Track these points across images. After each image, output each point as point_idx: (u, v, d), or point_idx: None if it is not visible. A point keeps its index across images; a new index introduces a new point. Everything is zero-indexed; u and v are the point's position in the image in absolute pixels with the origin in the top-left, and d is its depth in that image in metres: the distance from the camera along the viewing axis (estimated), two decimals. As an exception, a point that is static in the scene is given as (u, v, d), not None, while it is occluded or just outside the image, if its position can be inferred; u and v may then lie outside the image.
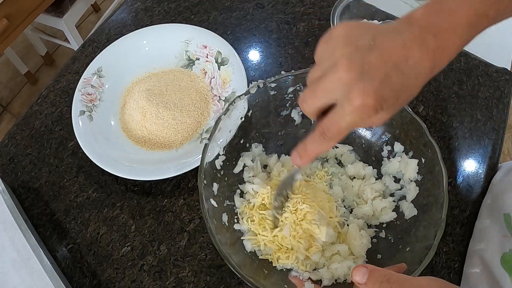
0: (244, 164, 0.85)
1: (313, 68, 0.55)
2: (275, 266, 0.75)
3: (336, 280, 0.72)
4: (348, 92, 0.49)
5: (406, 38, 0.50)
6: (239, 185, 0.84)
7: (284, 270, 0.75)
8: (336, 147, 0.90)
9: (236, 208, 0.81)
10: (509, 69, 1.09)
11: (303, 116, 0.89)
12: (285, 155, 0.90)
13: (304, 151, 0.60)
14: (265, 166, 0.88)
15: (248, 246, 0.76)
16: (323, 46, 0.54)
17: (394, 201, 0.82)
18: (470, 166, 0.95)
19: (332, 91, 0.51)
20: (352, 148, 0.89)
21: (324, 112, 0.54)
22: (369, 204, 0.82)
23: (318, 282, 0.73)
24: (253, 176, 0.85)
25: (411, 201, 0.79)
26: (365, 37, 0.51)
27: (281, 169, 0.86)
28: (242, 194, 0.83)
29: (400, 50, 0.49)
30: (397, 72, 0.49)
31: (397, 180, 0.83)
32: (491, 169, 0.95)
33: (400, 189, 0.82)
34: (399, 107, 0.53)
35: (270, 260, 0.75)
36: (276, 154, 0.89)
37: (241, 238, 0.77)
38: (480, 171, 0.94)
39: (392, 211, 0.80)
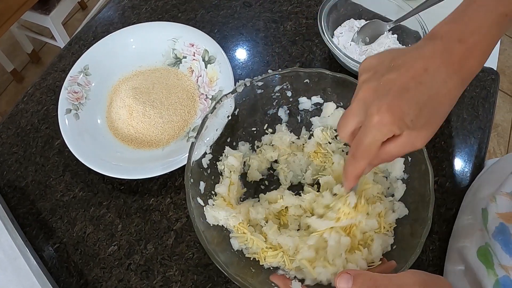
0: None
1: None
2: (262, 265, 0.75)
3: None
4: (366, 110, 0.52)
5: (426, 51, 0.52)
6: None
7: (271, 268, 0.75)
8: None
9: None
10: (495, 69, 1.10)
11: (290, 114, 0.89)
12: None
13: (345, 175, 0.61)
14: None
15: (236, 244, 0.76)
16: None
17: (390, 201, 0.81)
18: (456, 164, 0.95)
19: (356, 113, 0.54)
20: (340, 147, 0.89)
21: None
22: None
23: (301, 280, 0.73)
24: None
25: (399, 200, 0.79)
26: (385, 62, 0.54)
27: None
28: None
29: (419, 63, 0.51)
30: (414, 83, 0.50)
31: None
32: (477, 168, 0.96)
33: (388, 188, 0.82)
34: (433, 121, 0.54)
35: (257, 259, 0.75)
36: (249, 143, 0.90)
37: (229, 235, 0.77)
38: (466, 169, 0.95)
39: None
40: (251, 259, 0.75)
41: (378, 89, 0.51)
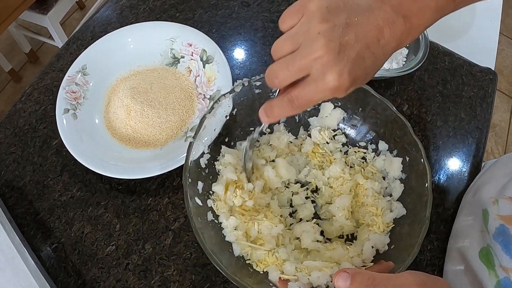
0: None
1: (281, 39, 0.55)
2: (260, 265, 0.75)
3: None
4: (324, 71, 0.51)
5: (379, 17, 0.52)
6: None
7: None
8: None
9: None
10: (493, 69, 1.10)
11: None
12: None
13: (270, 112, 0.60)
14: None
15: (237, 251, 0.75)
16: (296, 16, 0.55)
17: (388, 200, 0.81)
18: (454, 164, 0.96)
19: (307, 69, 0.52)
20: (337, 147, 0.90)
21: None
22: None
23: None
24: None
25: (397, 200, 0.79)
26: (341, 15, 0.52)
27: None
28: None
29: (374, 31, 0.51)
30: (369, 54, 0.52)
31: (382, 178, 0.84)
32: (475, 168, 0.96)
33: (386, 188, 0.82)
34: (363, 83, 0.55)
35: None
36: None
37: (226, 239, 0.77)
38: (464, 169, 0.95)
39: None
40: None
41: (339, 52, 0.50)
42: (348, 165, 0.86)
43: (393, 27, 0.52)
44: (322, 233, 0.82)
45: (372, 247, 0.74)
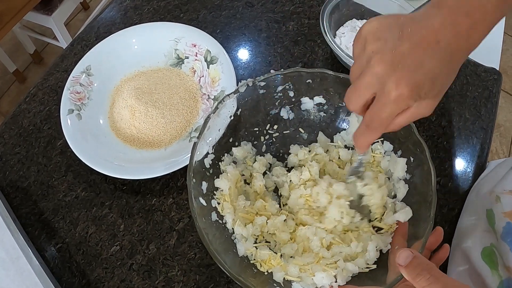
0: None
1: (352, 66, 0.58)
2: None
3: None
4: (383, 84, 0.52)
5: (435, 22, 0.51)
6: None
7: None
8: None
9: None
10: (498, 69, 1.10)
11: (292, 114, 0.90)
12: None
13: (357, 142, 0.62)
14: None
15: (242, 251, 0.75)
16: (356, 44, 0.58)
17: (394, 202, 0.81)
18: (458, 165, 0.95)
19: (370, 86, 0.53)
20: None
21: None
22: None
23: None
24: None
25: (401, 200, 0.79)
26: (393, 30, 0.53)
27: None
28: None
29: (430, 35, 0.51)
30: (428, 57, 0.51)
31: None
32: (480, 168, 0.96)
33: (390, 189, 0.82)
34: (441, 91, 0.55)
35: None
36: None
37: (231, 237, 0.77)
38: (469, 170, 0.95)
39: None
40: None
41: (393, 63, 0.51)
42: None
43: (456, 26, 0.51)
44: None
45: (376, 247, 0.74)
